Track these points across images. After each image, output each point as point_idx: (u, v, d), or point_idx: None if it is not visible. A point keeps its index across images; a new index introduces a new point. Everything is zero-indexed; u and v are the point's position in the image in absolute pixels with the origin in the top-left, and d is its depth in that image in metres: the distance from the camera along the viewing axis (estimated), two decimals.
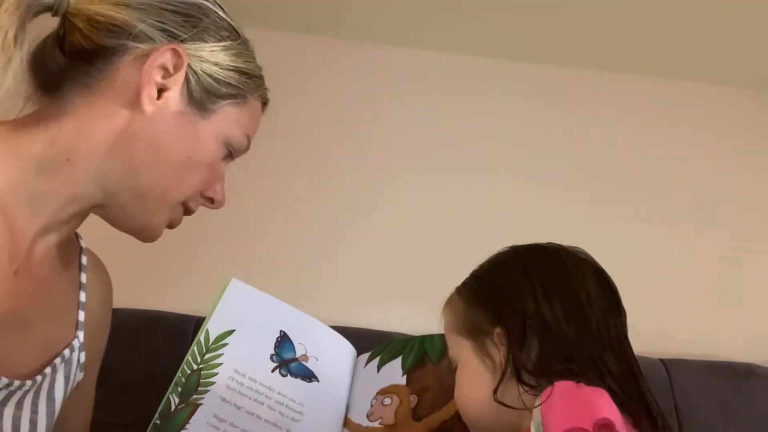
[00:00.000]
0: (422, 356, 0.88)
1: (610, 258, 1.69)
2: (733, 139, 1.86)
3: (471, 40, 1.80)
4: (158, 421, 0.74)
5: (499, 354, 0.72)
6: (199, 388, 0.78)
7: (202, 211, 1.56)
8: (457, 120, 1.81)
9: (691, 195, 1.79)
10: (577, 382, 0.65)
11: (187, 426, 0.75)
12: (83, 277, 0.82)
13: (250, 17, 1.65)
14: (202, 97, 0.74)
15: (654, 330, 1.57)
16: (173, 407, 0.76)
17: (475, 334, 0.75)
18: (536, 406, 0.63)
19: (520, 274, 0.76)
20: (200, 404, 0.77)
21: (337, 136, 1.76)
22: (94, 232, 0.95)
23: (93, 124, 0.71)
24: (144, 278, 1.56)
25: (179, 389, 0.77)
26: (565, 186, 1.76)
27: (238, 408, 0.78)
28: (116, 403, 1.24)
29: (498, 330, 0.73)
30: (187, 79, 0.73)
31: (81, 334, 0.79)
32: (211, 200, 0.82)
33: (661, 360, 1.55)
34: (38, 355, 0.73)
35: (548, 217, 1.72)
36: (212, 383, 0.78)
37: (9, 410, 0.69)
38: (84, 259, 0.84)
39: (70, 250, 0.82)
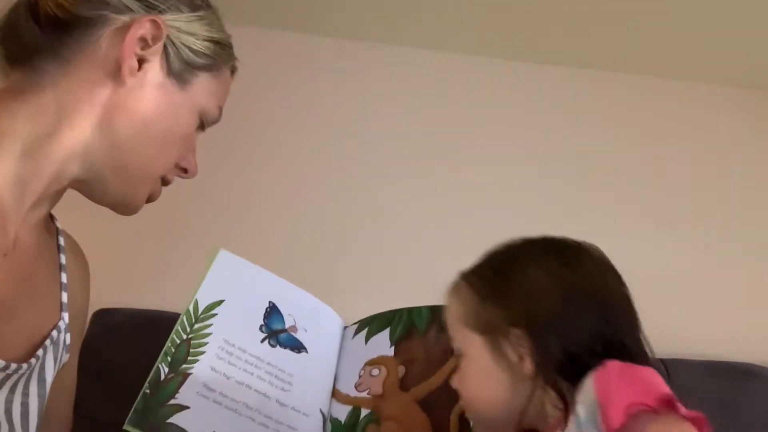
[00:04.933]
0: (410, 328, 0.89)
1: (610, 257, 1.70)
2: (732, 139, 1.86)
3: (468, 39, 1.82)
4: (148, 391, 0.74)
5: (515, 355, 0.70)
6: (189, 358, 0.78)
7: (202, 211, 1.59)
8: (457, 119, 1.82)
9: (691, 195, 1.79)
10: None
11: (176, 395, 0.75)
12: (62, 259, 0.82)
13: (248, 16, 1.70)
14: (181, 68, 0.74)
15: (654, 330, 1.55)
16: (163, 377, 0.76)
17: (488, 330, 0.73)
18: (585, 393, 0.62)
19: (540, 272, 0.74)
20: (190, 374, 0.77)
21: (335, 132, 1.78)
22: (94, 233, 0.97)
23: (73, 98, 0.70)
24: (144, 278, 1.57)
25: (169, 359, 0.77)
26: (565, 186, 1.76)
27: (228, 378, 0.79)
28: (116, 402, 1.24)
29: (518, 331, 0.70)
30: (165, 50, 0.73)
31: (66, 316, 0.79)
32: (185, 170, 0.81)
33: (661, 360, 1.54)
34: (26, 338, 0.73)
35: (548, 217, 1.71)
36: (202, 353, 0.79)
37: (3, 393, 0.68)
38: (61, 240, 0.83)
39: (48, 231, 0.81)
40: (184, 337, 0.79)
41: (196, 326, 0.81)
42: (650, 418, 0.55)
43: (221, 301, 0.83)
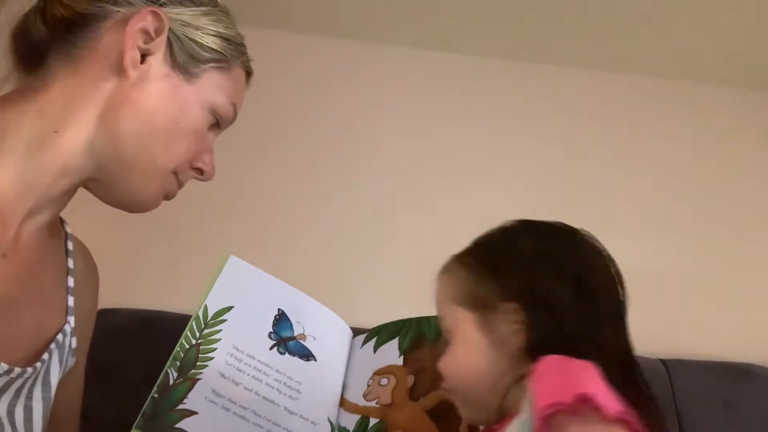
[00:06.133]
0: (419, 337, 0.89)
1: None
2: (733, 140, 1.88)
3: (468, 39, 1.82)
4: (156, 395, 0.74)
5: (507, 329, 0.71)
6: (198, 363, 0.77)
7: (203, 212, 1.58)
8: (457, 120, 1.82)
9: (691, 195, 1.80)
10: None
11: (185, 400, 0.74)
12: (70, 263, 0.82)
13: (248, 17, 1.69)
14: (186, 61, 0.74)
15: (654, 330, 1.57)
16: (171, 381, 0.75)
17: (480, 306, 0.74)
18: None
19: (535, 250, 0.75)
20: (198, 379, 0.76)
21: (337, 133, 1.78)
22: (95, 233, 0.96)
23: (79, 93, 0.71)
24: (144, 278, 1.57)
25: (177, 363, 0.76)
26: (565, 187, 1.77)
27: (237, 384, 0.78)
28: (116, 402, 1.24)
29: (511, 306, 0.71)
30: (169, 43, 0.73)
31: (72, 319, 0.79)
32: (201, 171, 0.81)
33: (662, 360, 1.55)
34: (29, 340, 0.73)
35: (547, 217, 1.72)
36: (211, 359, 0.78)
37: (6, 397, 0.68)
38: (70, 245, 0.83)
39: (55, 234, 0.81)
40: (193, 342, 0.79)
41: (206, 332, 0.80)
42: (566, 421, 0.52)
43: (230, 308, 0.83)
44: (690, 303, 1.68)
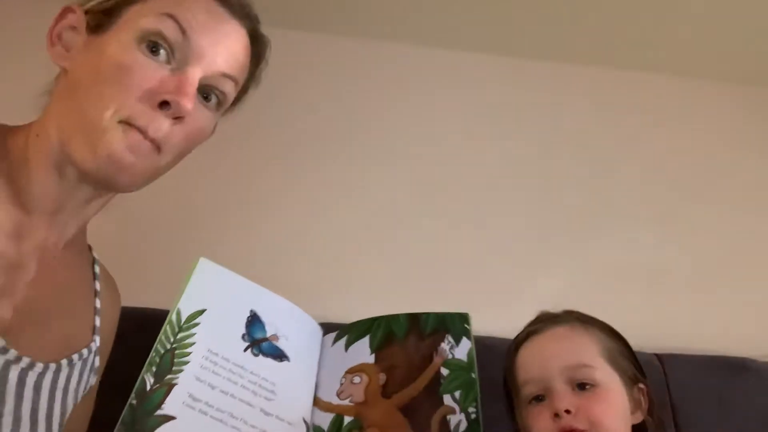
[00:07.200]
0: (389, 335, 0.90)
1: (607, 254, 1.70)
2: (731, 136, 1.86)
3: (469, 37, 1.82)
4: (134, 402, 0.75)
5: (643, 404, 0.91)
6: (174, 368, 0.79)
7: (201, 210, 1.59)
8: (455, 118, 1.81)
9: (687, 192, 1.79)
10: None
11: (163, 406, 0.76)
12: (97, 285, 0.86)
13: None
14: (101, 19, 0.75)
15: (649, 325, 1.56)
16: (148, 387, 0.77)
17: (625, 375, 0.91)
18: None
19: None
20: (175, 384, 0.78)
21: (331, 132, 1.77)
22: (92, 231, 0.98)
23: (51, 100, 0.77)
24: (142, 276, 1.58)
25: (154, 369, 0.78)
26: (563, 184, 1.76)
27: (213, 387, 0.79)
28: (114, 401, 1.25)
29: (642, 386, 0.92)
30: (87, 20, 0.76)
31: (98, 339, 0.83)
32: (166, 104, 0.72)
33: (656, 354, 1.55)
34: (57, 349, 0.76)
35: (547, 214, 1.71)
36: (186, 363, 0.79)
37: (28, 393, 0.71)
38: (97, 269, 0.87)
39: (84, 257, 0.85)
40: (168, 347, 0.80)
41: (180, 336, 0.81)
42: None
43: (203, 311, 0.84)
44: (685, 298, 1.67)
